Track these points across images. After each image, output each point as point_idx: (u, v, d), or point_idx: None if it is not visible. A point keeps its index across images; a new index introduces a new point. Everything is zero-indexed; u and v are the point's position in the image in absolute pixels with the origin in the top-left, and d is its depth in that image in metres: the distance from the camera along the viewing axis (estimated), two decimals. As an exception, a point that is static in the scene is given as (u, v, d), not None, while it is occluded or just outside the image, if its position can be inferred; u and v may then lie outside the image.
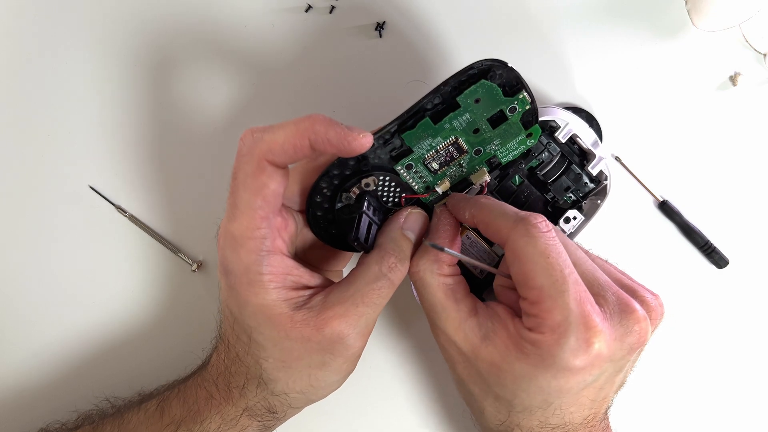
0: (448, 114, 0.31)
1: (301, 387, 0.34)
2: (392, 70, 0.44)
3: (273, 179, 0.30)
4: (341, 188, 0.33)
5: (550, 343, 0.29)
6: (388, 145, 0.32)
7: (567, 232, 0.39)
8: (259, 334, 0.32)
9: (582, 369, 0.29)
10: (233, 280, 0.32)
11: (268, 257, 0.31)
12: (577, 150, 0.39)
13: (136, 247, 0.44)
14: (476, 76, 0.31)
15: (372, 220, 0.34)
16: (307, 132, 0.29)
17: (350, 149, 0.30)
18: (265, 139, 0.30)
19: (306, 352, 0.32)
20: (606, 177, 0.39)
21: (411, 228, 0.34)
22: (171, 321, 0.44)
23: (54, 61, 0.45)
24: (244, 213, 0.30)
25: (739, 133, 0.43)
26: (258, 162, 0.30)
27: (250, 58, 0.44)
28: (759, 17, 0.42)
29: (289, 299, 0.32)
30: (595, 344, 0.29)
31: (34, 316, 0.44)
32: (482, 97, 0.31)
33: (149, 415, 0.37)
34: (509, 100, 0.32)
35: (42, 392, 0.44)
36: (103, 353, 0.44)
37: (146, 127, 0.44)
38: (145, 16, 0.44)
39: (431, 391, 0.44)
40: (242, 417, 0.35)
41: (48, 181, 0.44)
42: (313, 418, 0.43)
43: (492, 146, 0.34)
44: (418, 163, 0.33)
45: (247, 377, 0.34)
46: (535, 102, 0.32)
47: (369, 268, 0.32)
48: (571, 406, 0.31)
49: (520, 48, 0.43)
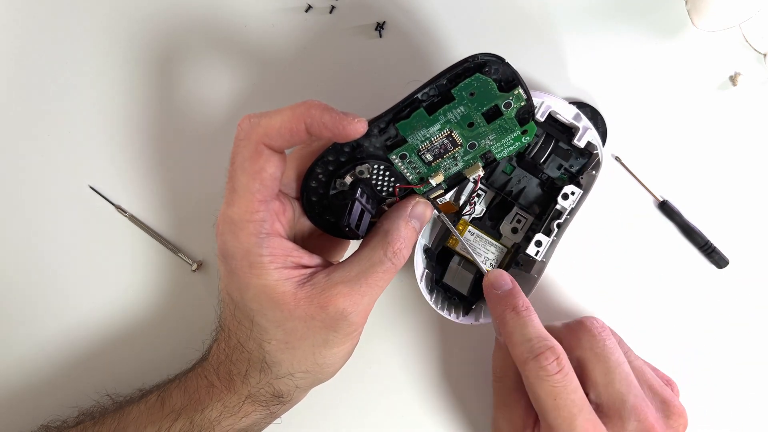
0: (442, 106, 0.32)
1: (306, 366, 0.34)
2: (392, 70, 0.44)
3: (270, 163, 0.31)
4: (336, 174, 0.33)
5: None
6: (383, 135, 0.33)
7: (567, 208, 0.38)
8: (261, 317, 0.33)
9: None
10: (234, 264, 0.32)
11: (268, 239, 0.31)
12: (559, 126, 0.39)
13: (136, 247, 0.44)
14: (471, 69, 0.31)
15: (365, 208, 0.34)
16: (303, 116, 0.30)
17: (345, 133, 0.30)
18: (261, 123, 0.30)
19: (310, 331, 0.33)
20: (595, 147, 0.38)
21: (417, 217, 0.35)
22: (171, 321, 0.44)
23: (54, 62, 0.45)
24: (243, 197, 0.31)
25: (739, 133, 0.43)
26: (255, 146, 0.30)
27: (250, 58, 0.44)
28: (759, 17, 0.42)
29: (291, 278, 0.32)
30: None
31: (34, 316, 0.44)
32: (477, 91, 0.31)
33: (150, 405, 0.37)
34: (504, 95, 0.32)
35: (43, 391, 0.44)
36: (103, 353, 0.44)
37: (146, 128, 0.45)
38: (145, 17, 0.44)
39: (430, 389, 0.44)
40: (245, 404, 0.35)
41: (48, 181, 0.44)
42: (313, 416, 0.43)
43: (487, 141, 0.34)
44: (412, 154, 0.33)
45: (250, 363, 0.34)
46: (532, 99, 0.32)
47: (374, 251, 0.33)
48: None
49: (520, 47, 0.43)
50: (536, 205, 0.41)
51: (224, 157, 0.44)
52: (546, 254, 0.39)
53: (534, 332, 0.34)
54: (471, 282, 0.42)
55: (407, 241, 0.34)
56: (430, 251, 0.40)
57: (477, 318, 0.40)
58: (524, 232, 0.41)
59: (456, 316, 0.40)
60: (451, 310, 0.40)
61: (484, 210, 0.41)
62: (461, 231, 0.41)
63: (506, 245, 0.41)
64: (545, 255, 0.39)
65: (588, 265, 0.43)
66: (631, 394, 0.34)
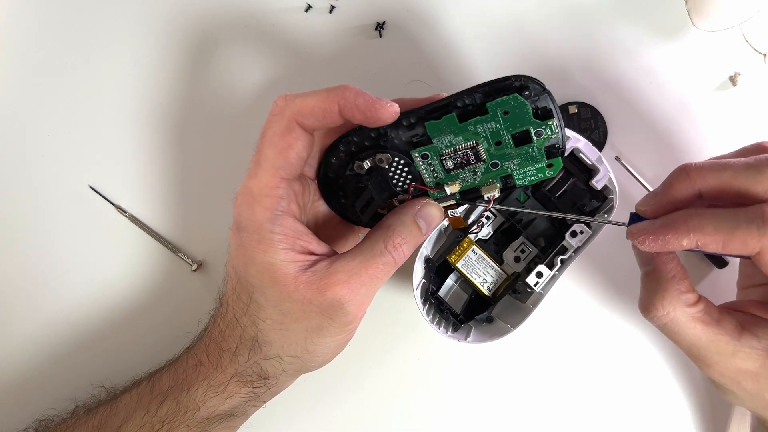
0: (474, 116, 0.31)
1: (296, 351, 0.34)
2: (392, 70, 0.44)
3: (300, 141, 0.31)
4: (356, 156, 0.34)
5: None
6: (411, 130, 0.33)
7: (574, 246, 0.38)
8: (260, 294, 0.33)
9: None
10: (245, 237, 0.32)
11: (282, 218, 0.32)
12: (580, 166, 0.39)
13: (136, 247, 0.44)
14: (512, 88, 0.31)
15: (375, 196, 0.34)
16: (337, 97, 0.31)
17: (377, 117, 0.31)
18: (297, 101, 0.31)
19: (305, 315, 0.33)
20: (611, 192, 0.39)
21: (424, 218, 0.34)
22: (171, 321, 0.44)
23: (54, 62, 0.45)
24: (267, 171, 0.31)
25: (739, 133, 0.43)
26: (288, 122, 0.31)
27: (250, 59, 0.44)
28: (759, 17, 0.42)
29: (295, 261, 0.32)
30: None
31: (34, 315, 0.44)
32: (511, 111, 0.31)
33: (140, 390, 0.37)
34: (538, 122, 0.31)
35: (41, 386, 0.44)
36: (102, 353, 0.44)
37: (146, 128, 0.45)
38: (143, 18, 0.44)
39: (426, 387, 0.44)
40: (230, 383, 0.35)
41: (48, 181, 0.44)
42: (315, 417, 0.43)
43: (510, 164, 0.33)
44: (435, 156, 0.33)
45: (241, 340, 0.35)
46: (564, 134, 0.32)
47: (375, 244, 0.33)
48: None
49: (520, 46, 0.43)
50: (543, 239, 0.41)
51: (224, 156, 0.44)
52: (545, 287, 0.39)
53: (742, 211, 0.28)
54: (465, 302, 0.42)
55: (409, 238, 0.34)
56: (431, 262, 0.40)
57: (465, 337, 0.39)
58: (526, 262, 0.41)
59: (445, 330, 0.39)
60: (441, 324, 0.40)
61: (490, 233, 0.42)
62: (465, 249, 0.40)
63: (506, 272, 0.41)
64: (544, 287, 0.39)
65: (588, 264, 0.43)
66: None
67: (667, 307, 0.31)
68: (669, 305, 0.31)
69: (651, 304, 0.32)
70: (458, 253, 0.40)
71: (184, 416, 0.35)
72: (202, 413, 0.35)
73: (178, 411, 0.35)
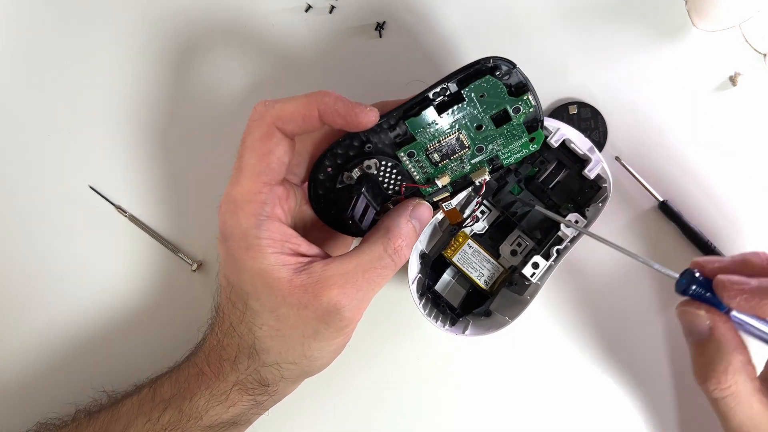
0: (452, 106, 0.32)
1: (294, 357, 0.34)
2: (392, 70, 0.44)
3: (280, 146, 0.31)
4: (344, 168, 0.34)
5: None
6: (393, 131, 0.33)
7: (570, 236, 0.38)
8: (255, 301, 0.33)
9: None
10: (232, 245, 0.32)
11: (267, 222, 0.32)
12: (572, 156, 0.39)
13: (136, 247, 0.44)
14: (483, 71, 0.31)
15: (370, 203, 0.34)
16: (316, 102, 0.31)
17: (357, 122, 0.31)
18: (276, 107, 0.31)
19: (301, 321, 0.32)
20: (605, 180, 0.39)
21: (418, 217, 0.34)
22: (171, 321, 0.44)
23: (54, 62, 0.45)
24: (248, 177, 0.31)
25: (739, 133, 0.43)
26: (268, 127, 0.31)
27: (250, 59, 0.44)
28: (759, 17, 0.42)
29: (287, 264, 0.32)
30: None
31: (33, 315, 0.44)
32: (487, 93, 0.31)
33: (142, 397, 0.37)
34: (513, 99, 0.32)
35: (42, 389, 0.44)
36: (102, 353, 0.44)
37: (146, 128, 0.45)
38: (145, 18, 0.44)
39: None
40: (232, 392, 0.35)
41: (48, 181, 0.44)
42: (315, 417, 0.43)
43: (494, 146, 0.34)
44: (420, 152, 0.33)
45: (239, 348, 0.34)
46: (540, 106, 0.32)
47: (374, 247, 0.33)
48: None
49: (521, 46, 0.43)
50: (538, 231, 0.41)
51: (223, 157, 0.44)
52: (541, 278, 0.39)
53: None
54: (463, 297, 0.42)
55: (408, 240, 0.33)
56: (426, 257, 0.40)
57: (463, 330, 0.39)
58: (523, 255, 0.41)
59: (442, 324, 0.39)
60: (438, 318, 0.40)
61: (486, 227, 0.42)
62: (461, 243, 0.40)
63: (503, 265, 0.41)
64: (540, 278, 0.39)
65: (588, 265, 0.43)
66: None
67: (731, 379, 0.30)
68: (733, 377, 0.30)
69: (713, 373, 0.30)
70: (454, 247, 0.40)
71: (186, 424, 0.35)
72: (204, 422, 0.35)
73: (181, 419, 0.35)
